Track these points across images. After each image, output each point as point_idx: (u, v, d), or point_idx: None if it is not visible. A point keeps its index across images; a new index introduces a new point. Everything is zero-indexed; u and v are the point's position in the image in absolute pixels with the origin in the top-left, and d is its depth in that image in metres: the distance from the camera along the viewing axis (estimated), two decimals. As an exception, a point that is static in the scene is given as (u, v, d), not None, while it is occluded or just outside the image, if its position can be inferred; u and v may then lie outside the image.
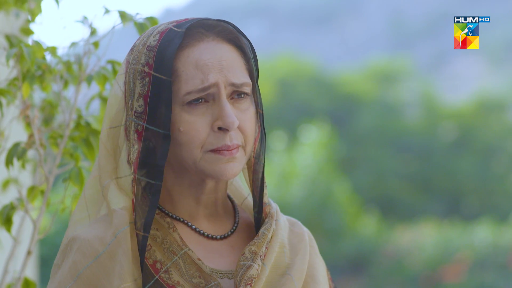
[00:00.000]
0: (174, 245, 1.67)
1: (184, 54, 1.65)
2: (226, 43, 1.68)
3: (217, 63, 1.65)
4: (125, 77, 1.70)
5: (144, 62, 1.65)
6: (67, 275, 1.64)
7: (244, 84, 1.67)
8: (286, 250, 1.73)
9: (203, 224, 1.72)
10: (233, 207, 1.79)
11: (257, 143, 1.74)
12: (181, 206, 1.71)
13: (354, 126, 16.29)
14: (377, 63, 18.74)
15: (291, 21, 43.48)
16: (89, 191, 1.74)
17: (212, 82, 1.64)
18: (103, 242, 1.64)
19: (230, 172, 1.66)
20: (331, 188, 12.51)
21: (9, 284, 2.36)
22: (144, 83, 1.65)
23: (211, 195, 1.71)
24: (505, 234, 11.64)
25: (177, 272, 1.65)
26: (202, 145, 1.64)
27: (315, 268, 1.76)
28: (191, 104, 1.64)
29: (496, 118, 16.62)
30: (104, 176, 1.71)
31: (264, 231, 1.71)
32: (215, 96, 1.65)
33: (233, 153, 1.65)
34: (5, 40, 2.31)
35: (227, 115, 1.63)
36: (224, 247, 1.72)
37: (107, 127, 1.71)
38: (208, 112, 1.65)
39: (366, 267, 11.98)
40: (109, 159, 1.71)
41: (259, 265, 1.66)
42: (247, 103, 1.69)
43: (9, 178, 2.65)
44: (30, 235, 2.32)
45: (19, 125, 2.40)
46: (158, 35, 1.67)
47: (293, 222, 1.83)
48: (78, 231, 1.68)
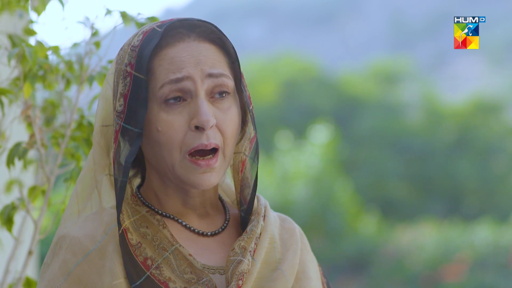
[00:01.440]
0: (164, 241, 1.65)
1: (162, 53, 1.63)
2: (208, 43, 1.66)
3: (193, 59, 1.63)
4: (114, 76, 1.69)
5: (127, 62, 1.65)
6: (57, 273, 1.63)
7: (223, 75, 1.64)
8: (277, 245, 1.72)
9: (193, 221, 1.70)
10: (223, 206, 1.77)
11: (253, 144, 1.72)
12: (169, 206, 1.70)
13: (355, 127, 16.29)
14: (377, 64, 18.74)
15: (292, 21, 43.45)
16: (79, 185, 1.73)
17: (185, 74, 1.61)
18: (94, 240, 1.63)
19: (206, 183, 1.63)
20: (333, 189, 12.52)
21: (10, 284, 2.37)
22: (125, 82, 1.64)
23: (198, 198, 1.70)
24: (505, 234, 11.64)
25: (168, 268, 1.63)
26: (180, 146, 1.62)
27: (306, 264, 1.74)
28: (169, 103, 1.62)
29: (496, 118, 16.62)
30: (99, 171, 1.70)
31: (252, 227, 1.70)
32: (192, 93, 1.62)
33: (211, 164, 1.62)
34: (7, 40, 2.32)
35: (202, 113, 1.60)
36: (214, 244, 1.70)
37: (99, 125, 1.71)
38: (185, 110, 1.62)
39: (367, 267, 11.98)
40: (102, 155, 1.71)
41: (249, 260, 1.65)
42: (228, 103, 1.65)
43: (12, 180, 2.65)
44: (31, 235, 2.32)
45: (21, 125, 2.40)
46: (142, 35, 1.66)
47: (283, 218, 1.81)
48: (67, 229, 1.67)
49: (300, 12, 44.14)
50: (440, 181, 15.29)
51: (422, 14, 41.04)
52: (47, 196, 2.26)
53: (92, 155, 1.71)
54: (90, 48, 2.28)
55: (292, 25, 42.96)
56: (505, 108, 17.16)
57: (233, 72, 1.68)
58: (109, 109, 1.70)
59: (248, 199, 1.73)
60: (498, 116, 16.73)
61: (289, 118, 16.12)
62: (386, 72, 18.16)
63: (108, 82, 1.71)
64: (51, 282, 1.64)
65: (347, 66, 21.09)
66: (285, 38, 37.40)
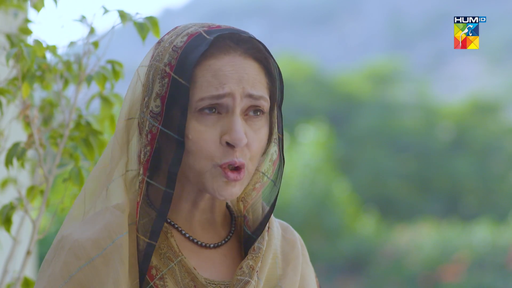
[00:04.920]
0: (170, 251, 1.64)
1: (207, 63, 1.60)
2: (252, 61, 1.63)
3: (237, 75, 1.60)
4: (146, 70, 1.65)
5: (167, 61, 1.61)
6: (58, 275, 1.61)
7: (262, 98, 1.62)
8: (278, 261, 1.71)
9: (197, 231, 1.68)
10: (230, 215, 1.75)
11: (276, 167, 1.71)
12: (177, 209, 1.67)
13: (352, 126, 16.31)
14: (375, 63, 18.76)
15: (290, 21, 43.47)
16: (90, 184, 1.70)
17: (227, 91, 1.59)
18: (98, 245, 1.60)
19: (228, 193, 1.62)
20: (329, 188, 12.51)
21: (8, 284, 2.36)
22: (163, 83, 1.61)
23: (209, 201, 1.68)
24: (504, 233, 11.64)
25: (172, 279, 1.62)
26: (212, 158, 1.60)
27: (305, 279, 1.73)
28: (203, 113, 1.59)
29: (494, 117, 16.64)
30: (115, 169, 1.66)
31: (259, 245, 1.68)
32: (229, 109, 1.60)
33: (238, 178, 1.61)
34: (5, 39, 2.31)
35: (236, 131, 1.58)
36: (217, 256, 1.68)
37: (124, 119, 1.67)
38: (218, 124, 1.60)
39: (365, 267, 11.99)
40: (123, 152, 1.67)
41: (256, 281, 1.64)
42: (261, 123, 1.64)
43: (8, 178, 2.64)
44: (29, 235, 2.32)
45: (19, 125, 2.40)
46: (187, 37, 1.62)
47: (285, 228, 1.79)
48: (71, 230, 1.64)
49: (298, 12, 44.16)
50: (438, 181, 15.31)
51: (421, 14, 41.07)
52: (45, 196, 2.26)
53: (111, 152, 1.67)
54: (89, 48, 2.28)
55: (291, 25, 42.98)
56: (503, 107, 17.19)
57: (270, 93, 1.66)
58: (135, 102, 1.67)
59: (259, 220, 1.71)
60: (496, 115, 16.76)
61: (287, 117, 16.13)
62: (383, 72, 18.18)
63: (139, 74, 1.67)
64: (51, 284, 1.61)
65: (345, 66, 21.12)
66: (284, 37, 37.42)
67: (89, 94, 2.33)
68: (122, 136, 1.67)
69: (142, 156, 1.63)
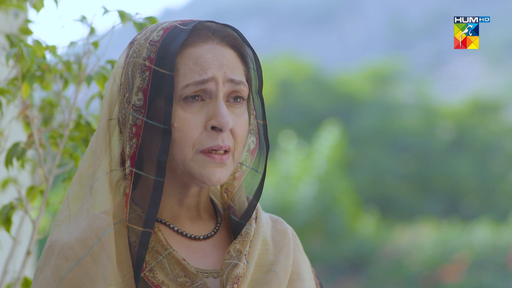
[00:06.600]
0: (158, 245, 1.66)
1: (187, 51, 1.65)
2: (229, 48, 1.68)
3: (217, 61, 1.65)
4: (122, 70, 1.69)
5: (146, 56, 1.65)
6: (50, 279, 1.63)
7: (241, 83, 1.67)
8: (269, 247, 1.73)
9: (185, 225, 1.71)
10: (214, 209, 1.77)
11: (255, 155, 1.75)
12: (164, 206, 1.70)
13: (352, 126, 16.29)
14: (375, 63, 18.75)
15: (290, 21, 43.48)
16: (73, 188, 1.71)
17: (210, 75, 1.63)
18: (85, 244, 1.63)
19: (217, 177, 1.65)
20: (336, 189, 12.53)
21: (8, 284, 2.37)
22: (144, 77, 1.64)
23: (194, 198, 1.70)
24: (504, 234, 11.65)
25: (161, 272, 1.64)
26: (194, 144, 1.63)
27: (299, 265, 1.75)
28: (187, 101, 1.64)
29: (495, 117, 16.64)
30: (101, 168, 1.68)
31: (246, 230, 1.71)
32: (212, 94, 1.64)
33: (224, 159, 1.64)
34: (5, 39, 2.31)
35: (222, 115, 1.63)
36: (207, 247, 1.71)
37: (106, 119, 1.70)
38: (203, 110, 1.64)
39: (365, 267, 11.99)
40: (106, 151, 1.69)
41: (245, 263, 1.66)
42: (242, 109, 1.68)
43: (8, 178, 2.65)
44: (29, 235, 2.32)
45: (19, 125, 2.40)
46: (162, 31, 1.67)
47: (274, 219, 1.82)
48: (58, 235, 1.67)
49: (298, 12, 44.18)
50: (438, 181, 15.30)
51: (421, 14, 41.08)
52: (45, 196, 2.26)
53: (94, 152, 1.69)
54: (88, 48, 2.28)
55: (291, 24, 42.99)
56: (503, 107, 17.19)
57: (247, 79, 1.71)
58: (113, 103, 1.70)
59: (245, 206, 1.74)
60: (497, 115, 16.76)
61: (287, 117, 16.13)
62: (384, 72, 18.18)
63: (114, 77, 1.70)
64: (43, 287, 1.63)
65: (345, 66, 21.11)
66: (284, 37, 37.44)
67: (89, 94, 2.34)
68: (104, 135, 1.70)
69: (128, 149, 1.66)
